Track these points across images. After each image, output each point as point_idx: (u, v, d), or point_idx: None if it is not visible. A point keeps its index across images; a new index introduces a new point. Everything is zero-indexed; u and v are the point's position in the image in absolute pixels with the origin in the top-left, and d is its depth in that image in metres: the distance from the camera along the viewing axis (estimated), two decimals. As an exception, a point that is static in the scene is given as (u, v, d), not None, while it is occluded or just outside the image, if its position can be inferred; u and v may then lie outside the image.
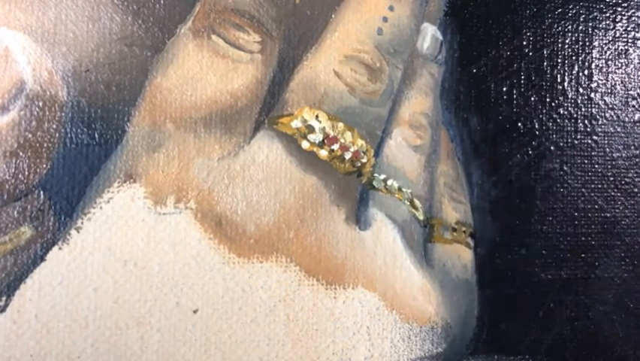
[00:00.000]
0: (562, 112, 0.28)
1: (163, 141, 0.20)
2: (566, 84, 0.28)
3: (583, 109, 0.28)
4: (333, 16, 0.23)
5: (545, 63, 0.27)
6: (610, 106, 0.28)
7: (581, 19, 0.28)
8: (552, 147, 0.27)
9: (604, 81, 0.28)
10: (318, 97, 0.22)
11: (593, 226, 0.28)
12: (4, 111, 0.18)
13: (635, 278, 0.28)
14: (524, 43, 0.27)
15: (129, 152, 0.19)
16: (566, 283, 0.27)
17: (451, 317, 0.23)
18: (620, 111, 0.28)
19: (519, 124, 0.27)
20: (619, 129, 0.28)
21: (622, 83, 0.29)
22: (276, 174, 0.21)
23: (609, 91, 0.28)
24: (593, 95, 0.28)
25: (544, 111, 0.27)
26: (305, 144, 0.21)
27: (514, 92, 0.27)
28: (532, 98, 0.27)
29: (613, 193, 0.28)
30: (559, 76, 0.28)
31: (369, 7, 0.23)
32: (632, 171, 0.28)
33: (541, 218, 0.27)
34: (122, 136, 0.19)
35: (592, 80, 0.28)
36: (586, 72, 0.28)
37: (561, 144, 0.27)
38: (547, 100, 0.27)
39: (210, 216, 0.20)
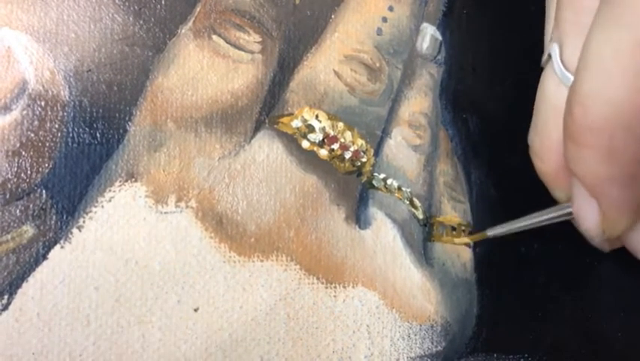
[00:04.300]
0: (561, 112, 0.28)
1: (164, 141, 0.20)
2: (565, 84, 0.28)
3: (582, 109, 0.28)
4: (333, 16, 0.23)
5: (545, 63, 0.27)
6: (609, 106, 0.28)
7: (580, 20, 0.28)
8: (552, 147, 0.27)
9: (603, 81, 0.28)
10: (318, 97, 0.22)
11: (592, 226, 0.28)
12: (6, 111, 0.18)
13: (635, 278, 0.28)
14: (524, 43, 0.27)
15: (131, 151, 0.19)
16: (566, 283, 0.27)
17: (450, 316, 0.23)
18: (619, 111, 0.28)
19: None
20: (618, 129, 0.28)
21: (621, 83, 0.28)
22: (277, 173, 0.21)
23: (608, 91, 0.28)
24: (592, 95, 0.28)
25: (543, 111, 0.27)
26: (305, 144, 0.21)
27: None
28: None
29: (612, 193, 0.28)
30: (558, 76, 0.28)
31: (369, 7, 0.23)
32: (632, 170, 0.28)
33: (541, 218, 0.27)
34: (124, 135, 0.19)
35: (591, 81, 0.28)
36: (585, 72, 0.28)
37: (560, 144, 0.27)
38: (547, 100, 0.27)
39: (211, 215, 0.20)
